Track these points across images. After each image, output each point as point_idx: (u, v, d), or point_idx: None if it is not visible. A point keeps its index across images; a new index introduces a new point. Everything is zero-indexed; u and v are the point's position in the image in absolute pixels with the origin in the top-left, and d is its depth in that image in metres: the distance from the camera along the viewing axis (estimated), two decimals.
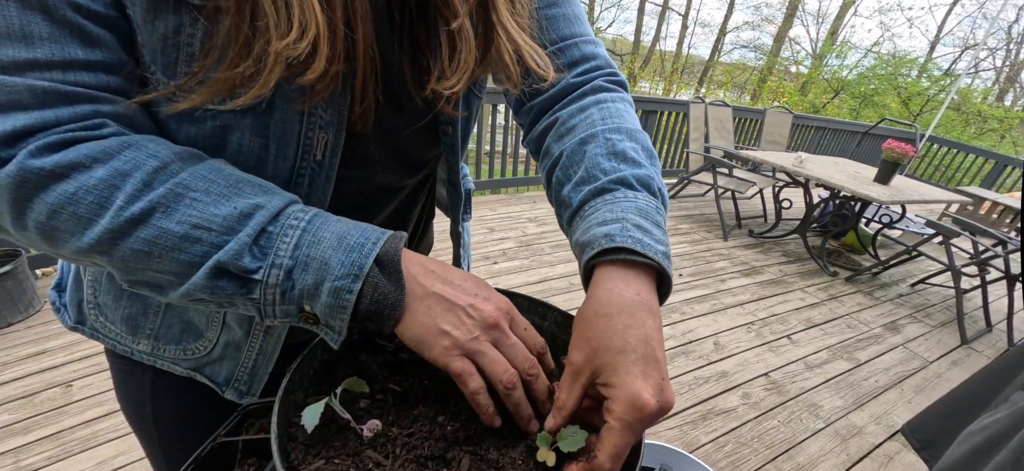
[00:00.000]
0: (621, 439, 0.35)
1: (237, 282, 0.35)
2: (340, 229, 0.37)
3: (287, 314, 0.37)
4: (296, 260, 0.36)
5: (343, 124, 0.43)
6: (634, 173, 0.46)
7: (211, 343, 0.53)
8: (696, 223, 4.18)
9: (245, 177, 0.38)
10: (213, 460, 0.44)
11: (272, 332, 0.52)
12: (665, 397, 0.36)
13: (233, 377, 0.55)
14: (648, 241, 0.41)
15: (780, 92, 15.96)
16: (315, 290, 0.36)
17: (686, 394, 2.05)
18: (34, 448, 1.47)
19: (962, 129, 14.56)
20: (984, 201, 4.90)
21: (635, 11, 19.69)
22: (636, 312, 0.38)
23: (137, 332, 0.53)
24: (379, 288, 0.37)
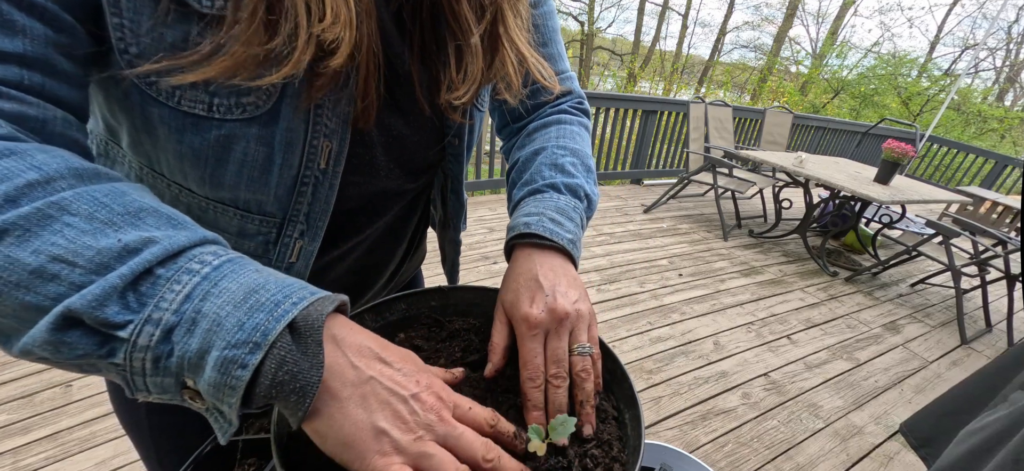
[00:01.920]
0: (526, 346, 0.43)
1: (94, 339, 0.26)
2: (253, 281, 0.29)
3: (163, 389, 0.28)
4: (181, 316, 0.27)
5: (348, 131, 0.43)
6: (564, 181, 0.55)
7: None
8: (696, 223, 4.18)
9: (154, 206, 0.30)
10: (213, 460, 0.44)
11: None
12: (552, 305, 0.44)
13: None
14: (557, 230, 0.49)
15: (780, 92, 15.96)
16: (199, 360, 0.27)
17: (686, 394, 2.05)
18: (33, 448, 1.47)
19: (962, 129, 14.56)
20: (984, 201, 4.90)
21: (635, 11, 19.70)
22: (533, 269, 0.47)
23: None
24: (285, 364, 0.28)
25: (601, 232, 3.68)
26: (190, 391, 0.28)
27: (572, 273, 0.48)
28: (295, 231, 0.46)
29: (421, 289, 0.54)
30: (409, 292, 0.53)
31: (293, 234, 0.47)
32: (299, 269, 0.49)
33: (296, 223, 0.46)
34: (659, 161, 5.32)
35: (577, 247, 0.51)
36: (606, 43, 22.31)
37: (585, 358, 0.44)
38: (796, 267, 3.53)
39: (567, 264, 0.49)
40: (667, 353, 2.31)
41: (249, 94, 0.37)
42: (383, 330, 0.52)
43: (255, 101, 0.37)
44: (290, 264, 0.48)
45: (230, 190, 0.42)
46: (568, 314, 0.44)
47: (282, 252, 0.47)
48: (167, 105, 0.36)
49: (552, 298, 0.44)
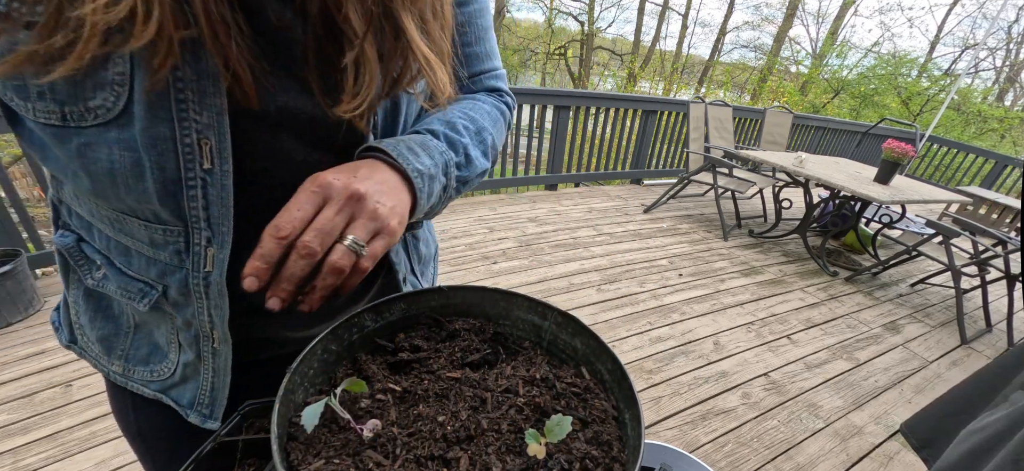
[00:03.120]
0: (295, 198, 0.39)
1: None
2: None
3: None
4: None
5: (225, 123, 0.39)
6: (447, 132, 0.52)
7: (174, 364, 0.53)
8: (696, 223, 4.18)
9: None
10: (213, 460, 0.44)
11: (219, 353, 0.51)
12: (351, 183, 0.40)
13: (195, 400, 0.55)
14: (408, 156, 0.45)
15: (780, 92, 15.95)
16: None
17: (686, 394, 2.05)
18: (33, 448, 1.47)
19: (962, 129, 14.55)
20: (984, 201, 4.90)
21: (635, 11, 19.69)
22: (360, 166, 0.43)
23: (111, 353, 0.55)
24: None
25: (601, 232, 3.68)
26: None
27: (401, 194, 0.43)
28: (201, 238, 0.43)
29: (421, 289, 0.54)
30: (409, 292, 0.53)
31: (201, 241, 0.44)
32: (216, 279, 0.46)
33: (199, 230, 0.43)
34: (659, 161, 5.31)
35: (424, 181, 0.46)
36: (606, 43, 22.31)
37: (350, 255, 0.39)
38: (796, 267, 3.53)
39: (401, 186, 0.44)
40: (667, 353, 2.30)
41: (95, 97, 0.35)
42: (383, 330, 0.52)
43: (103, 104, 0.35)
44: (207, 274, 0.45)
45: (116, 200, 0.40)
46: (363, 196, 0.40)
47: (196, 261, 0.45)
48: (28, 118, 0.36)
49: (357, 180, 0.40)
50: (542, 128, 4.28)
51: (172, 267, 0.46)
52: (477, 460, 0.38)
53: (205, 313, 0.48)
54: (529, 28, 22.33)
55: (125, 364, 0.55)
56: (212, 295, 0.47)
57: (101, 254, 0.49)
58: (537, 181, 4.58)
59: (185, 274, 0.46)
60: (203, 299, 0.47)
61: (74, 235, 0.50)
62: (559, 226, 3.69)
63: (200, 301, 0.47)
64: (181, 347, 0.52)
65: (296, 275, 0.38)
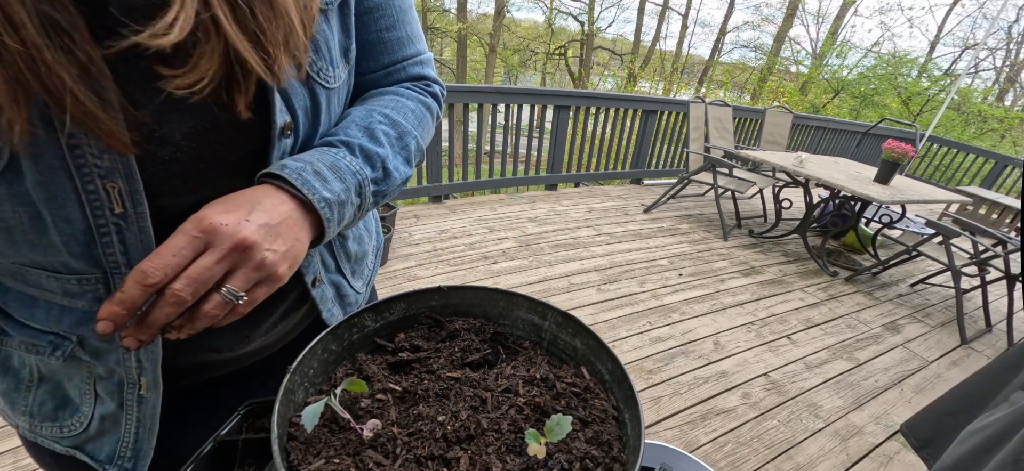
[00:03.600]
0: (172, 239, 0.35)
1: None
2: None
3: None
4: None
5: (131, 167, 0.35)
6: (364, 144, 0.48)
7: (87, 417, 0.49)
8: (696, 223, 4.18)
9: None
10: (213, 460, 0.44)
11: (145, 402, 0.48)
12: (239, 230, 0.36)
13: (115, 454, 0.50)
14: (314, 184, 0.42)
15: (780, 92, 15.94)
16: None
17: (686, 394, 2.05)
18: None
19: (962, 129, 14.55)
20: (984, 201, 4.90)
21: (635, 11, 19.69)
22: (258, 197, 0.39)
23: (14, 408, 0.50)
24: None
25: (601, 232, 3.68)
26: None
27: (300, 231, 0.41)
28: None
29: (421, 289, 0.54)
30: (409, 292, 0.53)
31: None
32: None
33: (120, 275, 0.39)
34: (659, 161, 5.31)
35: (333, 210, 0.43)
36: (606, 43, 22.31)
37: (225, 304, 0.37)
38: (796, 267, 3.53)
39: (303, 221, 0.41)
40: (667, 353, 2.30)
41: None
42: (383, 330, 0.52)
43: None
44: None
45: (17, 255, 0.37)
46: (251, 247, 0.36)
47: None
48: None
49: (248, 225, 0.37)
50: (542, 128, 4.28)
51: (89, 315, 0.42)
52: (477, 460, 0.38)
53: (132, 359, 0.45)
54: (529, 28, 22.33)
55: (31, 420, 0.50)
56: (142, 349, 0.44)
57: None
58: (537, 181, 4.58)
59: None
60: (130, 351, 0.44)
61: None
62: (559, 226, 3.69)
63: (128, 353, 0.44)
64: (98, 398, 0.48)
65: (159, 322, 0.35)
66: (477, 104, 3.81)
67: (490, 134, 4.02)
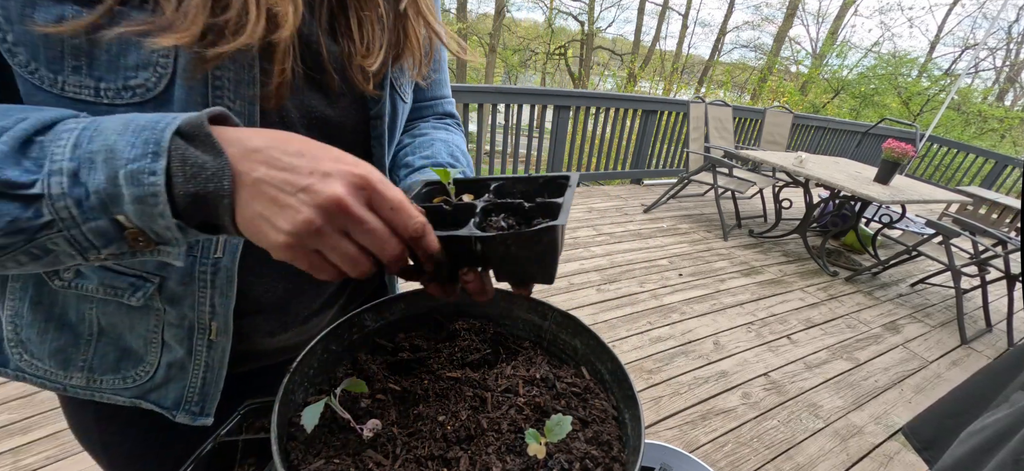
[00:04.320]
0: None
1: (17, 203, 0.28)
2: (126, 117, 0.31)
3: (106, 238, 0.30)
4: (78, 160, 0.29)
5: (256, 112, 0.41)
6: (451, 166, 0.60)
7: (153, 366, 0.50)
8: (696, 223, 4.18)
9: (16, 106, 0.31)
10: (213, 459, 0.44)
11: (215, 346, 0.50)
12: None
13: (182, 399, 0.52)
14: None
15: (780, 92, 15.94)
16: (113, 187, 0.29)
17: (686, 394, 2.05)
18: (33, 448, 1.47)
19: (962, 129, 14.56)
20: (984, 201, 4.90)
21: (635, 11, 19.68)
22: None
23: (69, 365, 0.49)
24: (189, 159, 0.29)
25: (601, 232, 3.68)
26: (132, 231, 0.31)
27: None
28: None
29: (421, 289, 0.54)
30: (409, 292, 0.53)
31: None
32: (226, 265, 0.46)
33: None
34: (659, 161, 5.31)
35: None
36: (606, 43, 22.30)
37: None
38: (796, 267, 3.53)
39: None
40: (667, 353, 2.30)
41: (137, 75, 0.35)
42: (383, 330, 0.52)
43: (144, 83, 0.35)
44: (216, 260, 0.46)
45: None
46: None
47: (206, 246, 0.45)
48: (51, 93, 0.35)
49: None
50: (542, 128, 4.28)
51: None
52: (477, 460, 0.38)
53: (206, 303, 0.47)
54: (529, 28, 22.32)
55: (89, 375, 0.50)
56: (219, 283, 0.47)
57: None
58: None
59: (191, 262, 0.45)
60: (207, 288, 0.47)
61: None
62: None
63: (203, 291, 0.47)
64: (164, 346, 0.50)
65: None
66: (477, 104, 3.81)
67: (490, 134, 4.02)
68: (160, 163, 0.29)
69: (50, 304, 0.48)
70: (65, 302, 0.47)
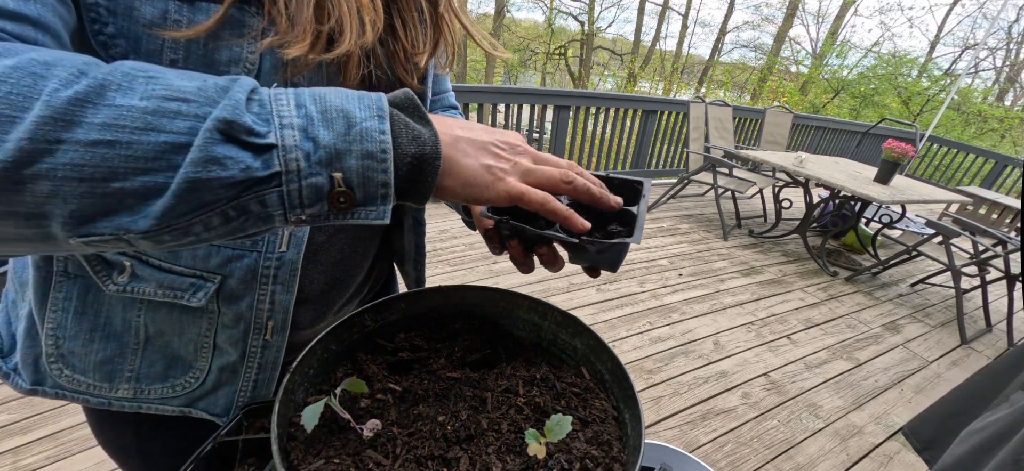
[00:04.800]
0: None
1: (249, 152, 0.27)
2: (314, 89, 0.32)
3: (316, 195, 0.30)
4: (308, 118, 0.29)
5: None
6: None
7: (203, 372, 0.50)
8: (696, 223, 4.18)
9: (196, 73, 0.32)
10: (213, 459, 0.44)
11: (270, 346, 0.50)
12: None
13: (232, 404, 0.52)
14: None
15: (780, 92, 15.94)
16: (343, 144, 0.30)
17: (686, 394, 2.05)
18: (33, 448, 1.47)
19: (962, 129, 14.56)
20: (984, 201, 4.90)
21: (635, 11, 19.68)
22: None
23: (114, 378, 0.48)
24: (410, 127, 0.33)
25: None
26: (340, 191, 0.30)
27: None
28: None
29: (421, 289, 0.54)
30: (409, 292, 0.53)
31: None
32: (290, 258, 0.47)
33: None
34: (659, 161, 5.31)
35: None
36: (606, 43, 22.30)
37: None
38: (796, 267, 3.53)
39: None
40: (667, 353, 2.30)
41: (229, 70, 0.37)
42: (383, 330, 0.52)
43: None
44: (281, 255, 0.46)
45: None
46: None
47: (272, 240, 0.46)
48: None
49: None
50: (542, 128, 4.28)
51: (240, 253, 0.45)
52: (477, 460, 0.38)
53: (267, 301, 0.47)
54: (529, 28, 22.32)
55: (137, 385, 0.49)
56: (281, 277, 0.47)
57: (128, 253, 0.44)
58: None
59: (255, 258, 0.45)
60: (268, 284, 0.47)
61: None
62: None
63: (264, 287, 0.47)
64: (216, 349, 0.49)
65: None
66: (477, 104, 3.81)
67: None
68: (386, 125, 0.31)
69: (95, 313, 0.46)
70: (111, 310, 0.46)
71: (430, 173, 0.33)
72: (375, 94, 0.32)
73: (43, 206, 0.24)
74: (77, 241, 0.26)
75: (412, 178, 0.33)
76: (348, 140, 0.30)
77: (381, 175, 0.31)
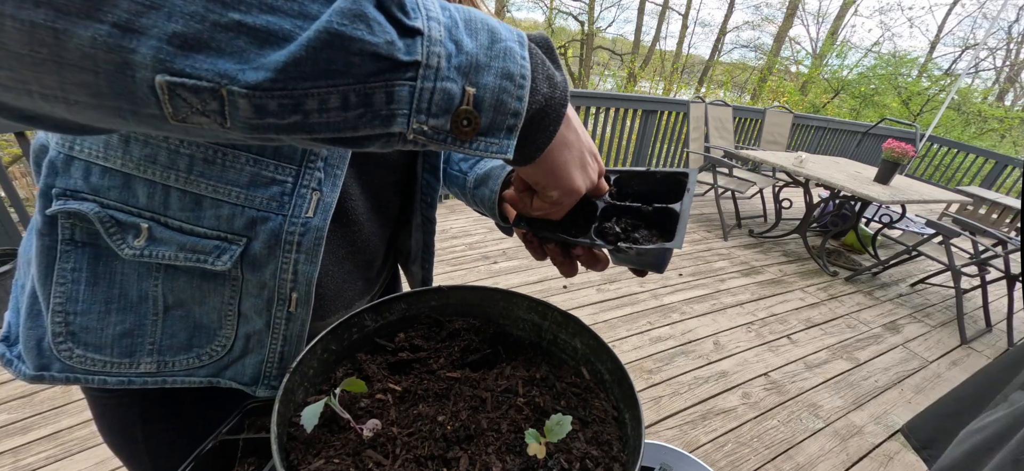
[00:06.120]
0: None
1: (396, 28, 0.24)
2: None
3: (446, 103, 0.27)
4: (453, 20, 0.27)
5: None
6: None
7: (230, 339, 0.48)
8: (696, 223, 4.18)
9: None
10: (213, 459, 0.44)
11: (294, 319, 0.48)
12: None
13: (260, 374, 0.50)
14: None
15: (780, 92, 15.94)
16: (485, 57, 0.27)
17: (686, 394, 2.05)
18: (33, 448, 1.47)
19: (962, 129, 14.55)
20: (984, 201, 4.90)
21: (635, 11, 19.68)
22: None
23: (135, 352, 0.45)
24: (546, 66, 0.30)
25: None
26: (464, 111, 0.27)
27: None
28: (312, 180, 0.43)
29: (421, 289, 0.54)
30: (409, 292, 0.53)
31: (310, 183, 0.43)
32: (316, 226, 0.45)
33: (313, 170, 0.42)
34: (659, 161, 5.31)
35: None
36: (606, 43, 22.30)
37: None
38: (796, 267, 3.53)
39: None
40: (667, 353, 2.30)
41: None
42: (383, 330, 0.52)
43: None
44: (307, 221, 0.44)
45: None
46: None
47: (299, 204, 0.44)
48: None
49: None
50: None
51: (266, 214, 0.43)
52: (477, 460, 0.38)
53: (289, 270, 0.45)
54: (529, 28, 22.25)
55: (160, 358, 0.46)
56: (306, 246, 0.45)
57: (145, 214, 0.41)
58: None
59: (280, 222, 0.43)
60: (292, 252, 0.44)
61: (94, 200, 0.41)
62: None
63: (288, 254, 0.44)
64: (241, 317, 0.47)
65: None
66: None
67: None
68: (527, 53, 0.29)
69: (109, 283, 0.43)
70: (125, 280, 0.44)
71: (553, 121, 0.31)
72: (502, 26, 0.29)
73: (141, 13, 0.19)
74: (162, 78, 0.20)
75: (536, 121, 0.31)
76: (490, 54, 0.27)
77: (515, 102, 0.28)
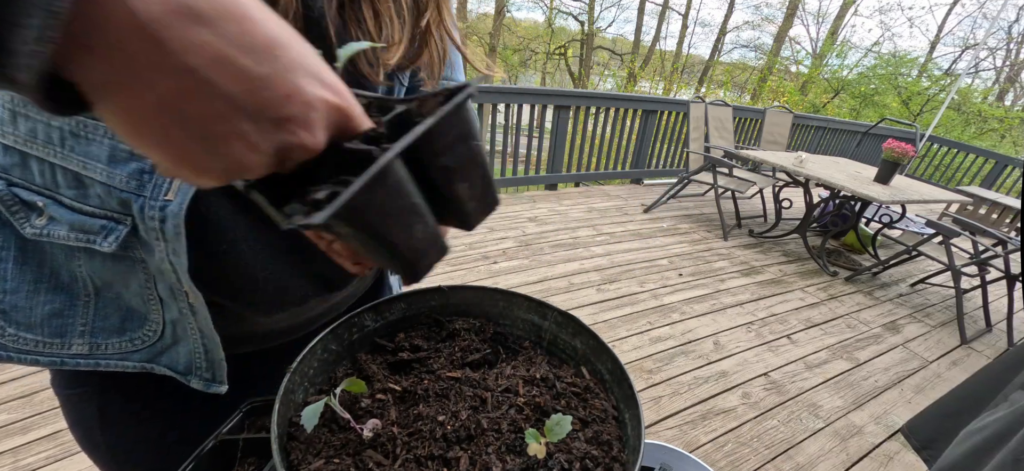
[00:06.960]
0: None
1: None
2: None
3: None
4: None
5: None
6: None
7: (159, 325, 0.47)
8: (696, 223, 4.18)
9: None
10: (213, 458, 0.44)
11: (197, 312, 0.46)
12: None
13: (192, 364, 0.49)
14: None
15: (780, 92, 15.94)
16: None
17: (686, 394, 2.05)
18: (33, 448, 1.47)
19: (962, 129, 14.56)
20: (984, 201, 4.90)
21: (635, 11, 19.68)
22: None
23: (66, 333, 0.45)
24: None
25: (601, 232, 3.68)
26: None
27: None
28: None
29: (421, 289, 0.54)
30: (409, 291, 0.53)
31: None
32: (173, 212, 0.40)
33: None
34: (659, 161, 5.31)
35: None
36: (606, 43, 22.29)
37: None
38: (796, 267, 3.53)
39: None
40: (667, 353, 2.30)
41: None
42: (383, 330, 0.52)
43: None
44: (164, 204, 0.40)
45: None
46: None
47: (159, 185, 0.40)
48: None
49: None
50: (542, 128, 4.28)
51: (128, 195, 0.40)
52: (477, 460, 0.38)
53: (165, 260, 0.42)
54: (529, 28, 22.30)
55: (91, 340, 0.45)
56: (168, 234, 0.41)
57: (43, 192, 0.41)
58: (537, 181, 4.58)
59: (142, 204, 0.40)
60: (160, 239, 0.41)
61: (3, 178, 0.40)
62: (559, 226, 3.69)
63: (157, 242, 0.42)
64: (163, 302, 0.45)
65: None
66: (477, 104, 3.81)
67: (490, 134, 4.01)
68: None
69: (39, 263, 0.43)
70: (54, 259, 0.43)
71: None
72: None
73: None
74: None
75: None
76: None
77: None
